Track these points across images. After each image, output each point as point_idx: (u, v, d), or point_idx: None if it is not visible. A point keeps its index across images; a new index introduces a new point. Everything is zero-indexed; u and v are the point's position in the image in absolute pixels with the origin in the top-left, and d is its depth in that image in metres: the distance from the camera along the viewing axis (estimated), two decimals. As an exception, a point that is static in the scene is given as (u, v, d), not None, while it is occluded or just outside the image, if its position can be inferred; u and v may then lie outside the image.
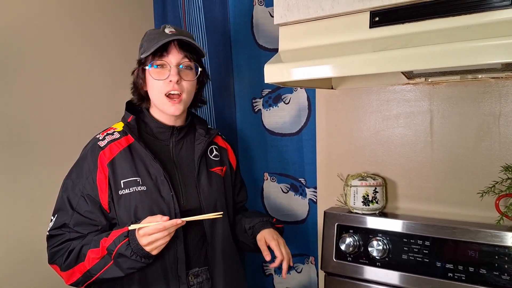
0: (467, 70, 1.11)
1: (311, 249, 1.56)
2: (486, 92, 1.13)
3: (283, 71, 0.98)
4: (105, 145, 1.09)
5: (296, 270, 1.62)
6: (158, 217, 0.97)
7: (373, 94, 1.31)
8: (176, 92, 1.09)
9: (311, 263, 1.57)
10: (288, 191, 1.60)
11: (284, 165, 1.59)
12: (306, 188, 1.55)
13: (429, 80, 1.21)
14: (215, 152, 1.24)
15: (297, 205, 1.58)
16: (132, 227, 0.97)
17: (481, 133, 1.14)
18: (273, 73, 0.99)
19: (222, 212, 1.06)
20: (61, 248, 1.04)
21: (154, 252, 0.97)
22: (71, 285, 1.05)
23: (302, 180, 1.56)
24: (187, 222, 1.01)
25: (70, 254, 1.02)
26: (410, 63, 0.87)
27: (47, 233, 1.08)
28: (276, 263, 1.11)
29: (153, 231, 0.95)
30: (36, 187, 1.37)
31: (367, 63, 0.90)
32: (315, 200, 1.52)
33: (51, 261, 1.06)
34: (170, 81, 1.07)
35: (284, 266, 1.11)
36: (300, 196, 1.57)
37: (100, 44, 1.59)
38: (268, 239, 1.14)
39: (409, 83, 1.24)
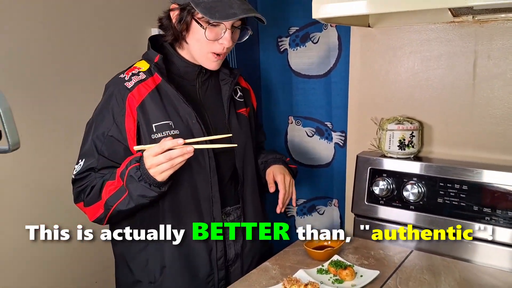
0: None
1: (335, 192, 1.56)
2: (539, 32, 1.07)
3: (334, 6, 0.90)
4: (133, 87, 1.02)
5: (318, 212, 1.64)
6: (162, 139, 0.92)
7: (413, 33, 1.23)
8: (223, 52, 1.03)
9: (335, 206, 1.59)
10: (313, 135, 1.57)
11: (310, 109, 1.54)
12: (332, 132, 1.52)
13: (477, 18, 1.14)
14: (239, 93, 1.19)
15: (322, 149, 1.56)
16: (137, 147, 0.95)
17: (529, 76, 1.09)
18: (324, 7, 0.92)
19: (236, 145, 1.04)
20: (86, 186, 1.02)
21: (158, 178, 0.92)
22: (94, 221, 1.04)
23: (328, 124, 1.52)
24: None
25: (93, 189, 1.00)
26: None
27: (73, 177, 1.05)
28: (280, 199, 1.11)
29: (155, 152, 0.89)
30: (61, 128, 1.32)
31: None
32: (341, 144, 1.49)
33: (77, 200, 1.04)
34: (221, 43, 1.01)
35: (280, 199, 1.11)
36: (326, 140, 1.55)
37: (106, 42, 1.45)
38: (275, 173, 1.15)
39: (454, 21, 1.17)
